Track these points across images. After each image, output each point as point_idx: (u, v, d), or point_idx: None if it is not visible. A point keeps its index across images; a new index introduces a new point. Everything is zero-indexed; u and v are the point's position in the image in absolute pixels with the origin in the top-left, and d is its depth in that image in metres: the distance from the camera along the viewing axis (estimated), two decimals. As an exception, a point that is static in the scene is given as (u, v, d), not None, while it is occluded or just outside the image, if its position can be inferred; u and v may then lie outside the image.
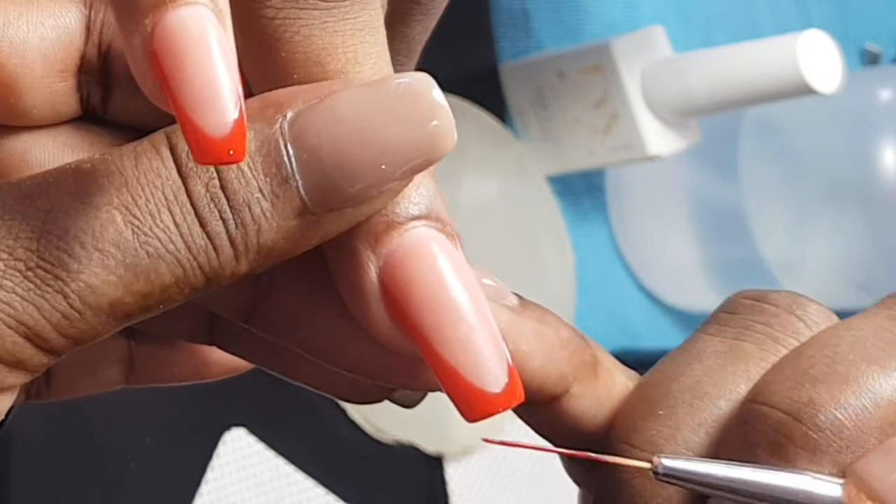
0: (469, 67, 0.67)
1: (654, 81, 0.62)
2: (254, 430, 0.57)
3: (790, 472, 0.21)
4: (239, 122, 0.19)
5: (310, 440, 0.58)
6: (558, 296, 0.68)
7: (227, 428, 0.56)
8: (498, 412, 0.22)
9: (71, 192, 0.20)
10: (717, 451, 0.23)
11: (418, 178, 0.22)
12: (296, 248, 0.21)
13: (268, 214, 0.20)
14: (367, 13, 0.21)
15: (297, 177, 0.20)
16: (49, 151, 0.25)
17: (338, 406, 0.59)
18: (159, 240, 0.20)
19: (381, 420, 0.59)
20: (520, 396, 0.22)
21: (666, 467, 0.22)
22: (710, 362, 0.25)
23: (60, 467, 0.52)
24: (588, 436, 0.25)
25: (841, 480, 0.21)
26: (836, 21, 0.84)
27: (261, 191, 0.20)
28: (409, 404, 0.26)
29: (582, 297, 0.70)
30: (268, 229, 0.21)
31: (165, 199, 0.20)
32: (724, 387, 0.24)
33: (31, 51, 0.24)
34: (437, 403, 0.71)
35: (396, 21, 0.29)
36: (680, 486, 0.22)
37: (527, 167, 0.68)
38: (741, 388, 0.24)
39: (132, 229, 0.20)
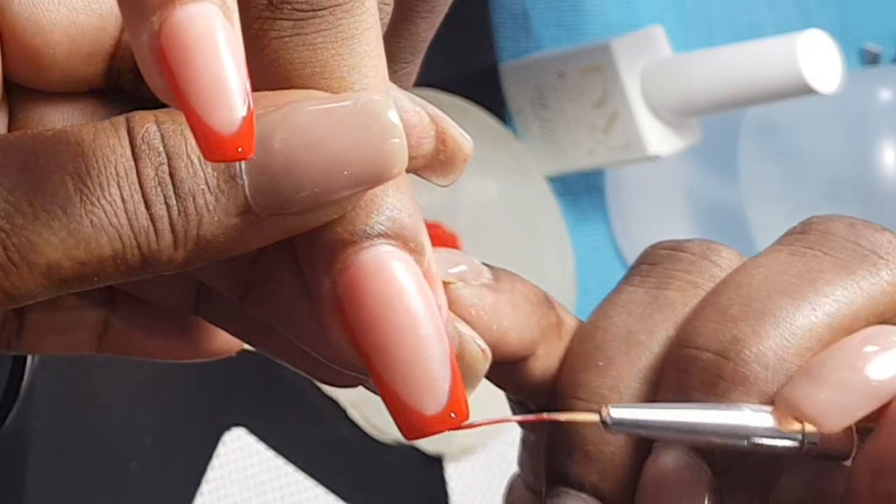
0: (469, 67, 0.67)
1: (654, 81, 0.62)
2: (254, 430, 0.57)
3: (726, 407, 0.23)
4: (247, 119, 0.19)
5: (310, 440, 0.58)
6: (558, 296, 0.68)
7: (227, 428, 0.56)
8: (436, 433, 0.22)
9: (27, 153, 0.20)
10: (655, 395, 0.24)
11: (386, 189, 0.22)
12: (235, 247, 0.21)
13: (210, 208, 0.21)
14: (346, 22, 0.21)
15: (245, 176, 0.21)
16: (67, 118, 0.25)
17: (338, 406, 0.59)
18: (104, 211, 0.20)
19: (381, 420, 0.59)
20: (461, 417, 0.22)
21: (614, 418, 0.22)
22: (639, 312, 0.26)
23: (61, 467, 0.52)
24: (550, 392, 0.27)
25: (770, 408, 0.23)
26: (836, 21, 0.84)
27: (207, 184, 0.21)
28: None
29: (582, 297, 0.70)
30: (209, 222, 0.21)
31: (116, 174, 0.20)
32: (655, 334, 0.25)
33: (57, 32, 0.24)
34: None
35: (402, 19, 0.29)
36: (628, 433, 0.24)
37: (527, 167, 0.68)
38: (671, 334, 0.25)
39: (80, 196, 0.20)
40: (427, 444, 0.62)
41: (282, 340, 0.25)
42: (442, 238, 0.65)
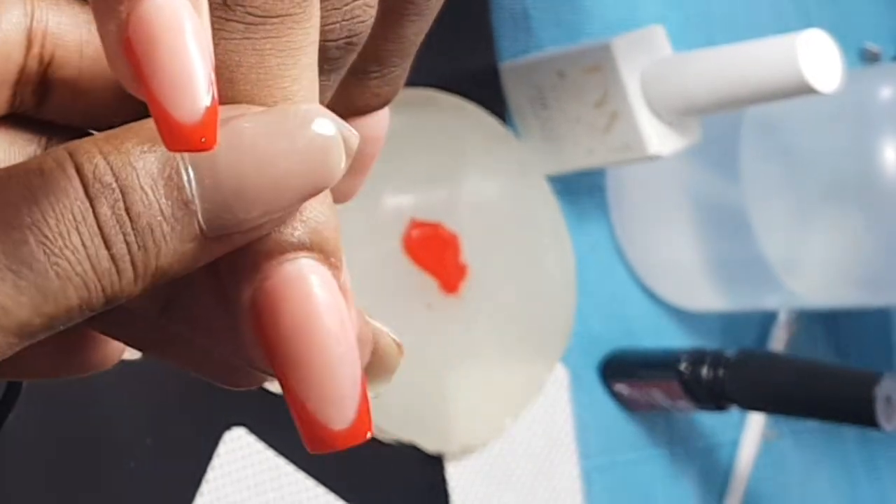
0: (469, 67, 0.67)
1: (654, 81, 0.62)
2: (254, 430, 0.57)
3: None
4: (211, 109, 0.19)
5: (310, 440, 0.58)
6: (558, 296, 0.68)
7: (227, 428, 0.56)
8: (340, 449, 0.22)
9: None
10: None
11: (311, 201, 0.22)
12: (185, 270, 0.21)
13: (167, 238, 0.21)
14: (294, 33, 0.21)
15: (197, 201, 0.21)
16: None
17: (338, 406, 0.59)
18: (69, 262, 0.20)
19: (382, 420, 0.59)
20: (365, 434, 0.22)
21: None
22: None
23: (60, 467, 0.52)
24: None
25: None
26: (836, 21, 0.84)
27: (162, 213, 0.20)
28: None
29: (582, 297, 0.70)
30: (166, 253, 0.21)
31: (74, 219, 0.20)
32: None
33: None
34: (438, 403, 0.71)
35: (390, 22, 0.28)
36: None
37: (527, 167, 0.68)
38: None
39: (43, 250, 0.20)
40: (427, 444, 0.62)
41: (182, 348, 0.25)
42: (442, 237, 0.65)
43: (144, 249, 0.20)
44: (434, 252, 0.65)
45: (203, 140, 0.19)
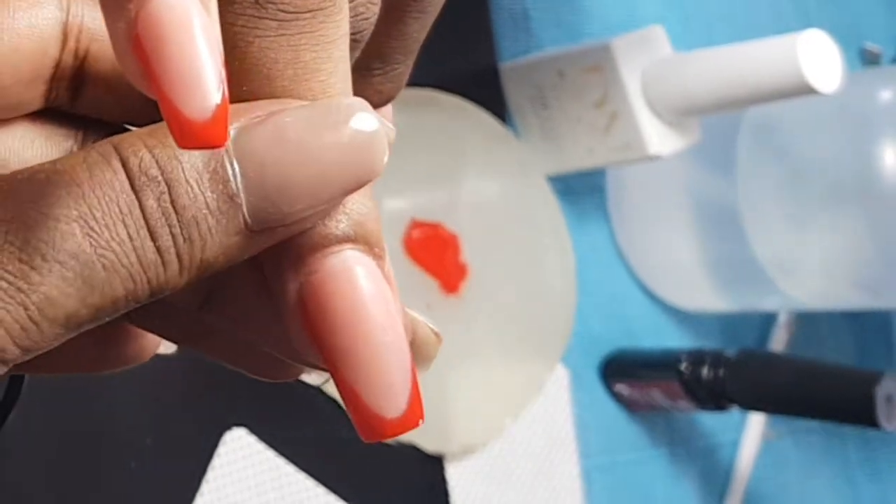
0: (469, 67, 0.67)
1: (654, 81, 0.62)
2: (254, 430, 0.57)
3: None
4: (221, 107, 0.19)
5: (310, 440, 0.58)
6: (558, 296, 0.68)
7: (228, 428, 0.56)
8: (393, 436, 0.22)
9: (29, 203, 0.20)
10: None
11: (353, 194, 0.22)
12: (230, 263, 0.21)
13: (213, 231, 0.21)
14: (326, 27, 0.21)
15: (242, 195, 0.21)
16: (5, 145, 0.25)
17: (338, 406, 0.59)
18: (115, 253, 0.20)
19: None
20: (417, 421, 0.22)
21: None
22: None
23: (61, 467, 0.52)
24: None
25: None
26: (836, 21, 0.84)
27: (208, 207, 0.21)
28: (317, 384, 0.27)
29: (582, 297, 0.70)
30: (211, 245, 0.21)
31: (121, 212, 0.20)
32: None
33: (1, 60, 0.24)
34: (438, 403, 0.71)
35: (393, 19, 0.28)
36: None
37: (527, 167, 0.68)
38: None
39: (90, 241, 0.20)
40: (427, 444, 0.62)
41: (219, 341, 0.25)
42: (443, 237, 0.65)
43: (190, 242, 0.21)
44: (434, 252, 0.65)
45: (213, 137, 0.19)
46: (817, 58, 0.57)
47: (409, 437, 0.61)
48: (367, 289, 0.22)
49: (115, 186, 0.20)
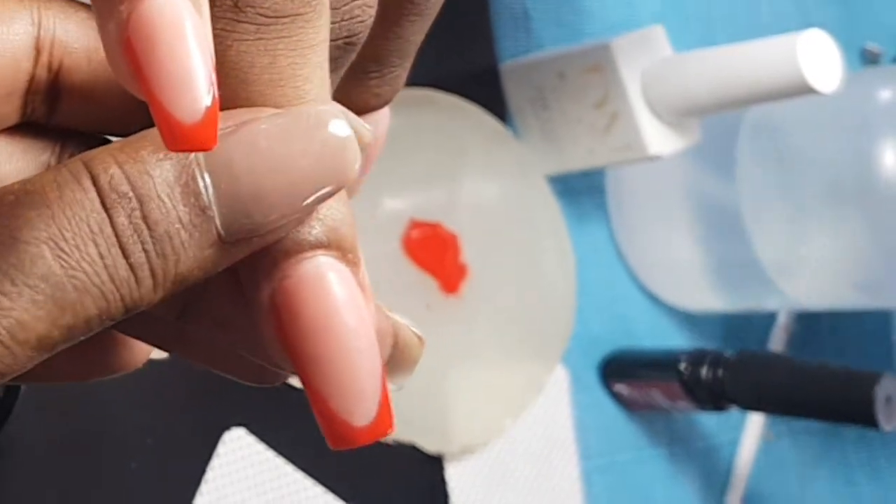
0: (469, 67, 0.67)
1: (655, 81, 0.62)
2: (254, 430, 0.57)
3: None
4: (212, 109, 0.19)
5: (310, 440, 0.58)
6: (558, 296, 0.68)
7: (227, 428, 0.56)
8: (361, 445, 0.22)
9: None
10: None
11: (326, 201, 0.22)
12: (205, 276, 0.21)
13: (186, 245, 0.21)
14: (305, 32, 0.21)
15: (214, 207, 0.21)
16: None
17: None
18: (86, 273, 0.20)
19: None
20: (386, 430, 0.22)
21: None
22: None
23: (60, 468, 0.52)
24: None
25: None
26: (836, 21, 0.84)
27: (180, 221, 0.21)
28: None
29: (582, 297, 0.70)
30: (185, 259, 0.21)
31: (91, 231, 0.20)
32: None
33: None
34: (438, 403, 0.71)
35: (390, 22, 0.28)
36: None
37: (527, 167, 0.68)
38: None
39: (60, 263, 0.20)
40: (427, 444, 0.62)
41: (204, 348, 0.25)
42: (442, 237, 0.65)
43: (164, 257, 0.21)
44: (434, 252, 0.65)
45: (203, 140, 0.19)
46: (817, 58, 0.57)
47: (409, 437, 0.61)
48: (339, 295, 0.22)
49: (84, 206, 0.20)
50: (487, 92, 0.68)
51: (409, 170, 0.64)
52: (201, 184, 0.21)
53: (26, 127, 0.25)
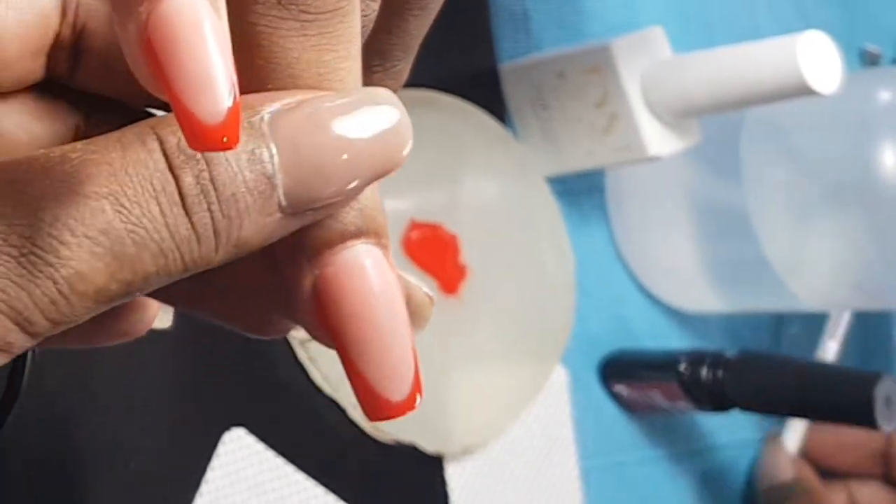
0: (469, 67, 0.67)
1: (654, 82, 0.62)
2: (254, 430, 0.57)
3: None
4: (233, 110, 0.19)
5: (310, 440, 0.58)
6: (558, 297, 0.68)
7: (227, 428, 0.56)
8: (397, 417, 0.24)
9: (60, 181, 0.20)
10: None
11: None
12: (262, 244, 0.22)
13: (250, 209, 0.21)
14: (343, 26, 0.22)
15: (279, 176, 0.21)
16: (13, 120, 0.25)
17: (338, 406, 0.59)
18: (146, 229, 0.21)
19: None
20: (416, 402, 0.24)
21: None
22: None
23: (61, 467, 0.52)
24: None
25: None
26: (836, 22, 0.84)
27: (246, 185, 0.21)
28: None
29: (582, 297, 0.70)
30: (248, 224, 0.21)
31: (153, 189, 0.21)
32: None
33: (8, 33, 0.24)
34: (438, 403, 0.71)
35: (393, 17, 0.29)
36: None
37: (527, 167, 0.68)
38: None
39: (120, 218, 0.20)
40: (427, 445, 0.62)
41: (215, 301, 0.26)
42: (442, 238, 0.65)
43: (228, 219, 0.21)
44: (434, 253, 0.65)
45: (225, 139, 0.19)
46: (817, 59, 0.57)
47: (409, 437, 0.61)
48: (376, 281, 0.23)
49: (148, 165, 0.21)
50: (487, 92, 0.68)
51: (409, 170, 0.64)
52: (266, 153, 0.21)
53: (52, 89, 0.26)
